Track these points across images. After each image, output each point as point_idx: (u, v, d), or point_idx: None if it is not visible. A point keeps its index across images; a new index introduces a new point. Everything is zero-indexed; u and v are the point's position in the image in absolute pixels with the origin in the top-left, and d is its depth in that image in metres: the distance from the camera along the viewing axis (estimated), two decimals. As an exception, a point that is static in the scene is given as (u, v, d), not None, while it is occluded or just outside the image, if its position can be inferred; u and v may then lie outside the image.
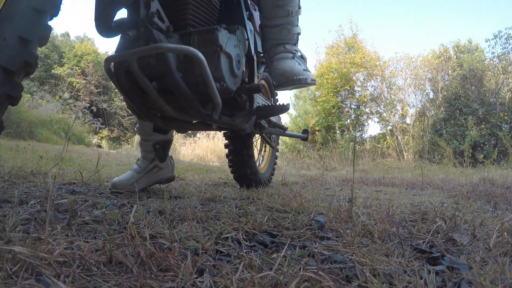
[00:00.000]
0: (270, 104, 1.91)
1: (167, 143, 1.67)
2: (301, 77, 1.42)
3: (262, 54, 1.69)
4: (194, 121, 1.39)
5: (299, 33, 1.51)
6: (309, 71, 1.48)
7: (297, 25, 1.50)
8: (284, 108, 1.46)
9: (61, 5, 0.82)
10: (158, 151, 1.62)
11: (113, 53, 1.08)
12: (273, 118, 1.93)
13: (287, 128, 2.09)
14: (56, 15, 0.82)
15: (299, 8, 1.48)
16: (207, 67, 1.01)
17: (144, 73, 1.04)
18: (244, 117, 1.34)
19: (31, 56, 0.75)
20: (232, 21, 1.34)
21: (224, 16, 1.37)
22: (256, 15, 1.61)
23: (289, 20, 1.45)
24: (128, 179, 1.53)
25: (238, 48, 1.22)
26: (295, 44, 1.52)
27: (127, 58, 0.99)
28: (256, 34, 1.60)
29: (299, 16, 1.49)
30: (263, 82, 2.11)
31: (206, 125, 1.40)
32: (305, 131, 2.32)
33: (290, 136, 2.23)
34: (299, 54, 1.51)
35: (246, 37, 1.35)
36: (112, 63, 1.08)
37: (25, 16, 0.73)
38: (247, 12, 1.49)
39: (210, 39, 1.10)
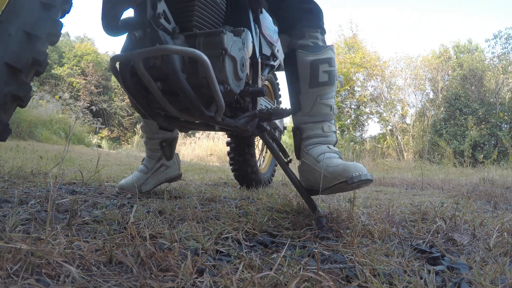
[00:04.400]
0: (273, 107, 1.92)
1: (174, 141, 1.63)
2: (360, 173, 0.97)
3: (266, 56, 1.68)
4: (197, 121, 1.39)
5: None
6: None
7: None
8: (287, 112, 1.46)
9: (73, 1, 0.79)
10: (164, 149, 1.60)
11: (119, 53, 1.09)
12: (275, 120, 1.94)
13: (285, 127, 2.11)
14: (68, 11, 0.78)
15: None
16: (211, 69, 1.01)
17: (149, 73, 1.04)
18: (247, 119, 1.34)
19: (40, 53, 0.69)
20: (238, 23, 1.34)
21: (230, 17, 1.37)
22: (262, 17, 1.61)
23: (329, 115, 1.20)
24: (135, 181, 1.51)
25: (243, 51, 1.22)
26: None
27: (133, 58, 1.00)
28: (261, 36, 1.59)
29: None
30: (266, 83, 2.11)
31: (208, 126, 1.39)
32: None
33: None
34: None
35: (251, 40, 1.34)
36: (118, 62, 1.09)
37: (33, 11, 0.68)
38: (253, 15, 1.48)
39: (215, 41, 1.10)
